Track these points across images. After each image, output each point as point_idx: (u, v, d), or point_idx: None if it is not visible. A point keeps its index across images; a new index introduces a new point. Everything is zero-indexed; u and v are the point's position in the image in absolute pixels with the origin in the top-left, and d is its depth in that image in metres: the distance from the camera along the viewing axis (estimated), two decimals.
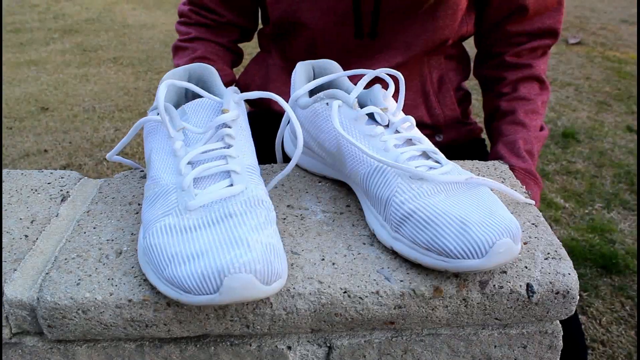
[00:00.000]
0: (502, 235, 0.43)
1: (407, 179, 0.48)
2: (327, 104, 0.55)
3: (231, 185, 0.47)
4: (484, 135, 0.95)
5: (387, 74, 0.61)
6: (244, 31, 0.88)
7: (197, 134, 0.50)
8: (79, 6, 4.92)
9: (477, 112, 2.57)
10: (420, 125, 0.83)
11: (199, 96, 0.62)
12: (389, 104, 0.55)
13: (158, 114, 0.54)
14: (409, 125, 0.54)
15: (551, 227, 1.75)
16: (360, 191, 0.54)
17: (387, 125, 0.53)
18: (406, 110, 0.81)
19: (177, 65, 0.82)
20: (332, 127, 0.55)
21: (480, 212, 0.45)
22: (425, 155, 0.52)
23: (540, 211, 1.83)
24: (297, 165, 0.63)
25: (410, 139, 0.52)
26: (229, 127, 0.50)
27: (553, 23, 0.79)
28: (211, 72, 0.61)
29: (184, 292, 0.41)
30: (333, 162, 0.56)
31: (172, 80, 0.53)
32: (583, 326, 1.35)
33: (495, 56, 0.83)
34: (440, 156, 0.51)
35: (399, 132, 0.53)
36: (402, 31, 0.76)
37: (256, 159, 0.52)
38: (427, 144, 0.52)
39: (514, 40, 0.80)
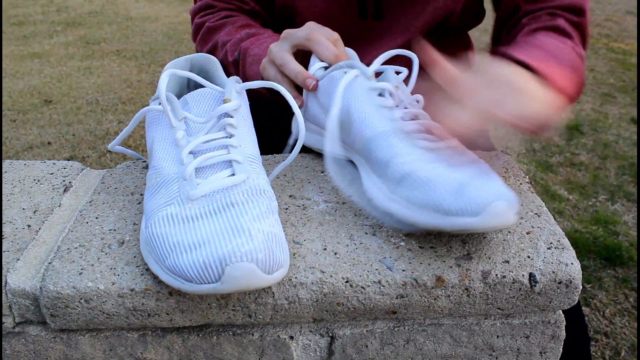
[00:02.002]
0: (499, 198, 0.44)
1: (411, 145, 0.50)
2: (345, 72, 0.57)
3: (233, 174, 0.47)
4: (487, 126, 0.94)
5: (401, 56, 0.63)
6: (265, 24, 0.85)
7: (199, 123, 0.50)
8: None
9: None
10: None
11: (201, 86, 0.62)
12: (401, 87, 0.57)
13: (160, 103, 0.54)
14: (417, 103, 0.56)
15: (555, 219, 1.74)
16: (361, 158, 0.55)
17: (397, 105, 0.55)
18: None
19: (216, 42, 0.77)
20: (345, 92, 0.56)
21: (479, 179, 0.46)
22: (430, 131, 0.53)
23: (544, 203, 1.83)
24: (302, 149, 0.63)
25: (417, 116, 0.54)
26: (231, 116, 0.50)
27: (575, 0, 0.71)
28: (213, 62, 0.61)
29: (185, 281, 0.41)
30: (339, 132, 0.57)
31: (173, 69, 0.52)
32: (586, 318, 1.35)
33: (510, 28, 0.75)
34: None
35: (407, 108, 0.55)
36: (403, 12, 0.75)
37: (258, 149, 0.52)
38: (431, 122, 0.53)
39: (533, 14, 0.72)
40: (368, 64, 0.80)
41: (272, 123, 0.80)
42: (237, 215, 0.43)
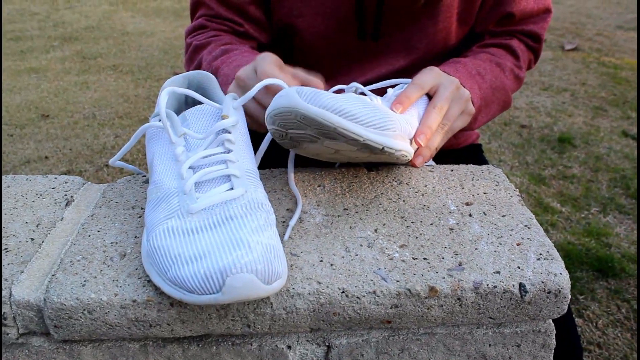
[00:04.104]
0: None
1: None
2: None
3: (231, 189, 0.48)
4: (480, 141, 0.96)
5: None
6: (260, 46, 0.85)
7: (198, 139, 0.52)
8: (78, 14, 4.95)
9: None
10: None
11: (199, 103, 0.63)
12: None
13: (160, 120, 0.56)
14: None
15: (548, 232, 1.76)
16: None
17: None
18: None
19: (200, 60, 0.78)
20: None
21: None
22: None
23: (537, 215, 1.85)
24: (297, 164, 0.65)
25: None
26: (229, 132, 0.52)
27: (535, 28, 0.81)
28: (210, 79, 0.62)
29: (187, 292, 0.42)
30: None
31: (173, 87, 0.54)
32: (579, 329, 1.36)
33: (474, 41, 0.84)
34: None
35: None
36: (404, 33, 0.77)
37: (255, 163, 0.54)
38: None
39: (496, 34, 0.82)
40: (365, 84, 0.82)
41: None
42: (237, 228, 0.44)
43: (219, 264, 0.41)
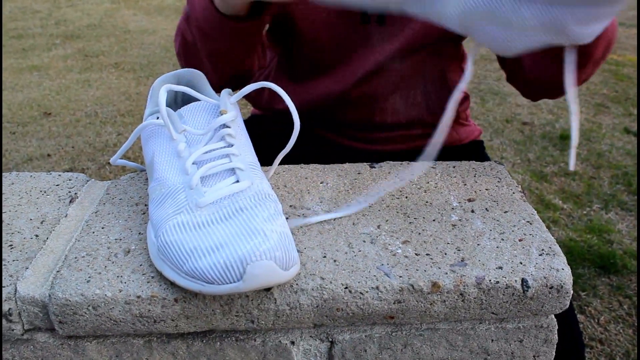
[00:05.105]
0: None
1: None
2: None
3: (237, 181, 0.49)
4: (482, 137, 0.96)
5: None
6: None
7: (198, 135, 0.52)
8: (80, 12, 4.95)
9: (475, 115, 2.60)
10: (421, 124, 0.84)
11: (189, 100, 0.64)
12: None
13: (157, 118, 0.56)
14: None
15: (550, 228, 1.76)
16: None
17: None
18: (408, 108, 0.83)
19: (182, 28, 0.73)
20: None
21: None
22: None
23: (539, 212, 1.85)
24: (300, 160, 0.65)
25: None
26: (229, 127, 0.52)
27: None
28: (200, 77, 0.63)
29: (206, 284, 0.43)
30: None
31: (170, 85, 0.54)
32: (581, 325, 1.36)
33: None
34: None
35: None
36: (406, 17, 0.77)
37: (256, 157, 0.54)
38: None
39: None
40: (368, 72, 0.81)
41: (273, 135, 0.81)
42: (249, 219, 0.45)
43: (239, 252, 0.42)
